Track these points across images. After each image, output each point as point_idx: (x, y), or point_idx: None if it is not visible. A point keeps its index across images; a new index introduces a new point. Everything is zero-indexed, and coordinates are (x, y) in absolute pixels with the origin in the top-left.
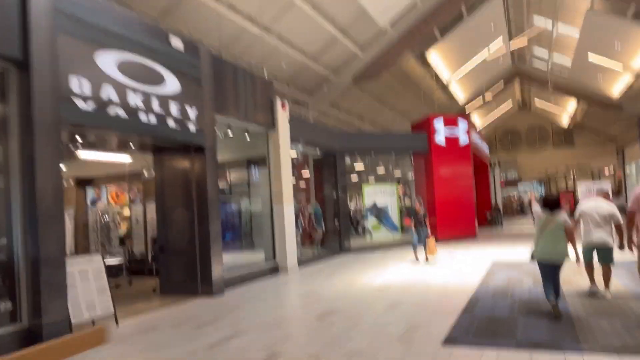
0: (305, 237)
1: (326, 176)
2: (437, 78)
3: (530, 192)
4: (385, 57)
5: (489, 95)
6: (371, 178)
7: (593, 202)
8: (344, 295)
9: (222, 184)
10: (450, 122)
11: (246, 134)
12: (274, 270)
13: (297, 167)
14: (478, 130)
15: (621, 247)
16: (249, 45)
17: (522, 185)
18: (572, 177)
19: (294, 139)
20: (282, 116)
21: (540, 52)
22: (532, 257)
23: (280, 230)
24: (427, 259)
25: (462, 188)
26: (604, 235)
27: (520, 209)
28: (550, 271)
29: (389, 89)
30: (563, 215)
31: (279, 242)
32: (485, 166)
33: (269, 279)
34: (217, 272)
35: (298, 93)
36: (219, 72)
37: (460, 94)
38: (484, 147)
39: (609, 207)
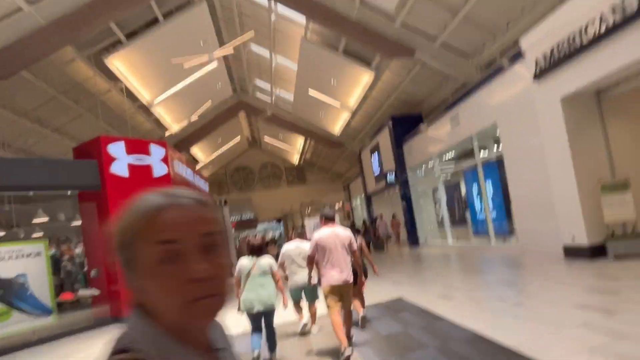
0: None
1: None
2: (133, 98)
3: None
4: (24, 49)
5: (194, 117)
6: None
7: (294, 243)
8: None
9: None
10: (138, 147)
11: None
12: None
13: None
14: (201, 165)
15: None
16: None
17: (263, 225)
18: (307, 213)
19: None
20: None
21: (263, 84)
22: (239, 308)
23: None
24: None
25: None
26: (307, 275)
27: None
28: (256, 320)
29: (49, 102)
30: (267, 260)
31: None
32: None
33: None
34: None
35: None
36: None
37: (174, 124)
38: (201, 184)
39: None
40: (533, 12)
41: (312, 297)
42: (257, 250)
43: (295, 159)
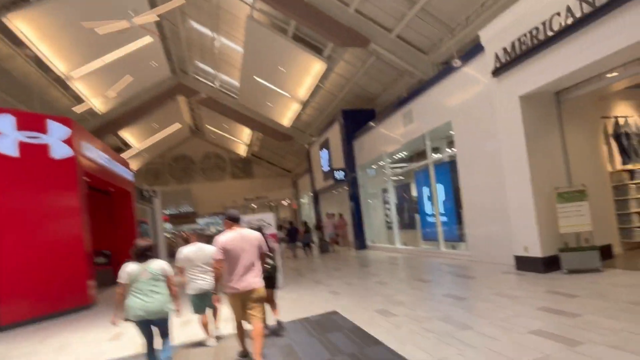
0: None
1: None
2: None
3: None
4: None
5: (111, 93)
6: None
7: (194, 247)
8: None
9: None
10: (32, 123)
11: None
12: None
13: None
14: (134, 151)
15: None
16: None
17: (204, 220)
18: (251, 209)
19: None
20: None
21: (206, 67)
22: (127, 318)
23: None
24: None
25: (62, 226)
26: (209, 281)
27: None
28: (146, 330)
29: None
30: (160, 264)
31: None
32: (128, 196)
33: None
34: None
35: None
36: None
37: (99, 103)
38: (123, 172)
39: (211, 250)
40: (494, 7)
41: (210, 304)
42: (141, 255)
43: (242, 150)
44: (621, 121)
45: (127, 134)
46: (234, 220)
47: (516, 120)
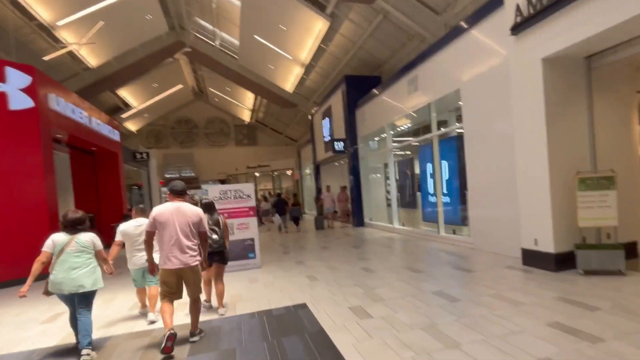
0: None
1: None
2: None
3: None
4: None
5: (83, 40)
6: None
7: (135, 222)
8: None
9: None
10: None
11: None
12: None
13: None
14: (133, 111)
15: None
16: None
17: (207, 186)
18: (254, 178)
19: None
20: None
21: (205, 25)
22: (46, 290)
23: None
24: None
25: (21, 186)
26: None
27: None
28: (70, 304)
29: None
30: (89, 237)
31: None
32: (115, 158)
33: None
34: None
35: None
36: None
37: (91, 57)
38: (107, 132)
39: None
40: None
41: (150, 280)
42: (70, 227)
43: (246, 116)
44: None
45: (126, 93)
46: (176, 194)
47: (536, 89)
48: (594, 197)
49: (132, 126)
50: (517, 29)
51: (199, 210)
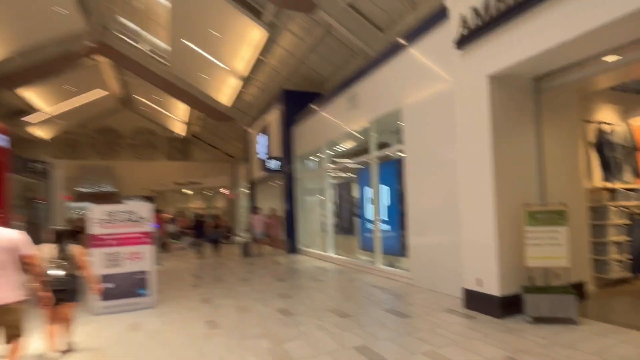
0: None
1: None
2: None
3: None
4: None
5: None
6: None
7: None
8: None
9: None
10: None
11: None
12: None
13: None
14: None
15: None
16: None
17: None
18: (184, 195)
19: None
20: None
21: (130, 26)
22: None
23: None
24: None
25: None
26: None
27: None
28: None
29: None
30: None
31: None
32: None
33: None
34: None
35: None
36: None
37: None
38: None
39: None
40: None
41: None
42: None
43: (180, 129)
44: (606, 128)
45: (33, 95)
46: None
47: (482, 109)
48: (544, 233)
49: (42, 133)
50: (462, 42)
51: (16, 234)
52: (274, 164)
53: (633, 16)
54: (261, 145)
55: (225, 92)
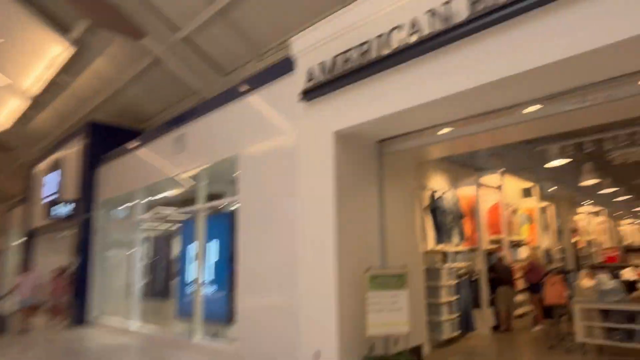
0: None
1: None
2: None
3: None
4: None
5: None
6: None
7: None
8: None
9: None
10: None
11: None
12: None
13: None
14: None
15: None
16: None
17: None
18: None
19: None
20: None
21: None
22: None
23: None
24: None
25: None
26: None
27: None
28: None
29: None
30: None
31: None
32: None
33: None
34: None
35: None
36: None
37: None
38: None
39: None
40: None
41: None
42: None
43: None
44: (437, 194)
45: None
46: None
47: (327, 164)
48: (385, 298)
49: None
50: (308, 95)
51: None
52: (61, 210)
53: (465, 94)
54: (50, 184)
55: (2, 112)
